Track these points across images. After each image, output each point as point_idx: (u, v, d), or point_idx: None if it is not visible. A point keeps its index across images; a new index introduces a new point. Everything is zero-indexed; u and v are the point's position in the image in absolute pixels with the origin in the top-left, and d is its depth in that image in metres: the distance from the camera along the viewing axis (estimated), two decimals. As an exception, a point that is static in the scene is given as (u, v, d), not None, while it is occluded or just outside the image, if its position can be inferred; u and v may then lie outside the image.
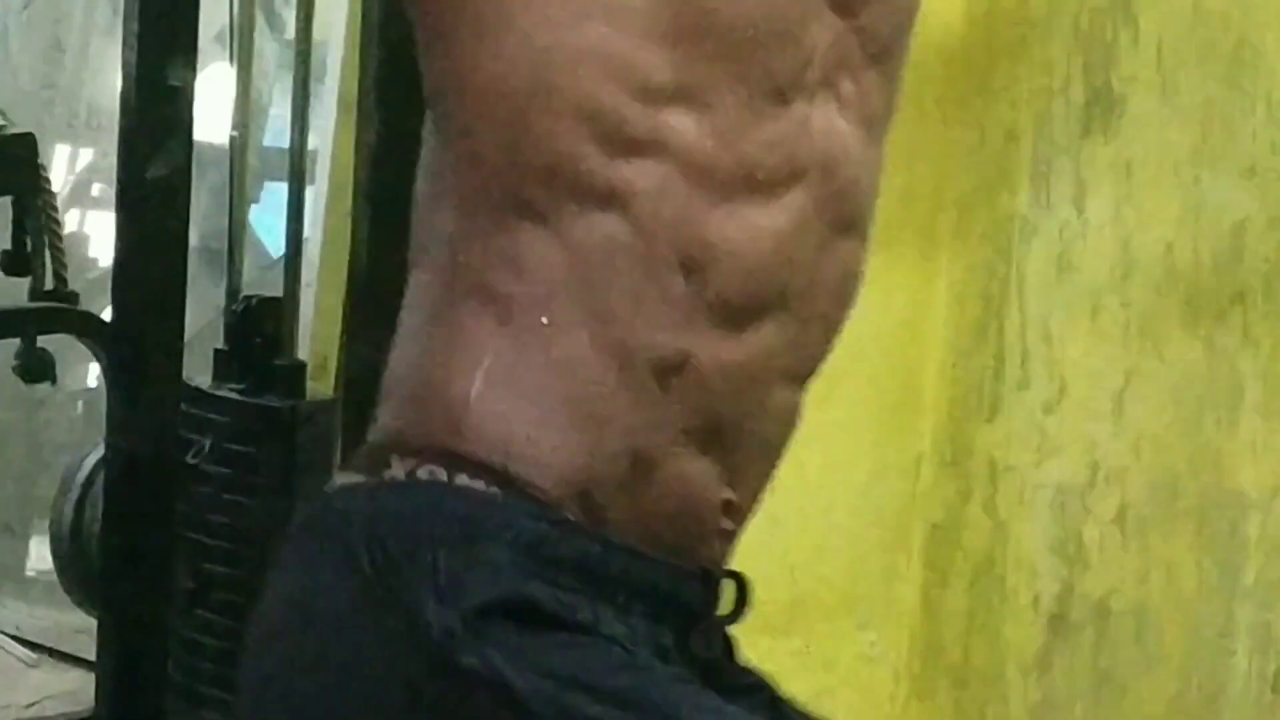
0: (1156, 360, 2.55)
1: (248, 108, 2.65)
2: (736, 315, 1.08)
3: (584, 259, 1.06)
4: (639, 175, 1.05)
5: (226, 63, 2.83)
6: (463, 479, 1.04)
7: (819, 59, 1.08)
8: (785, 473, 2.48)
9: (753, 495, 1.16)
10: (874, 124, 1.14)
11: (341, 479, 1.11)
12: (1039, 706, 2.67)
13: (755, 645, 2.41)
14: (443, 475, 1.05)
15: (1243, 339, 2.52)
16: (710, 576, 1.11)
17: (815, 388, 2.51)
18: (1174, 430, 2.58)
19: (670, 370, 1.07)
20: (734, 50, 1.06)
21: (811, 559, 2.74)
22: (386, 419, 1.11)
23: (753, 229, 1.08)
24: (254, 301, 2.54)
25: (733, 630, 1.35)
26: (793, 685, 2.47)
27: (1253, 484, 2.54)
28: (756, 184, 1.07)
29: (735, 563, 2.03)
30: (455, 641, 0.98)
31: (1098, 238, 2.53)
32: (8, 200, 2.69)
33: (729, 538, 1.13)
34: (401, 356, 1.12)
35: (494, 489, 1.03)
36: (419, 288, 1.13)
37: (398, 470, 1.05)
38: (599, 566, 1.05)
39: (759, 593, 2.48)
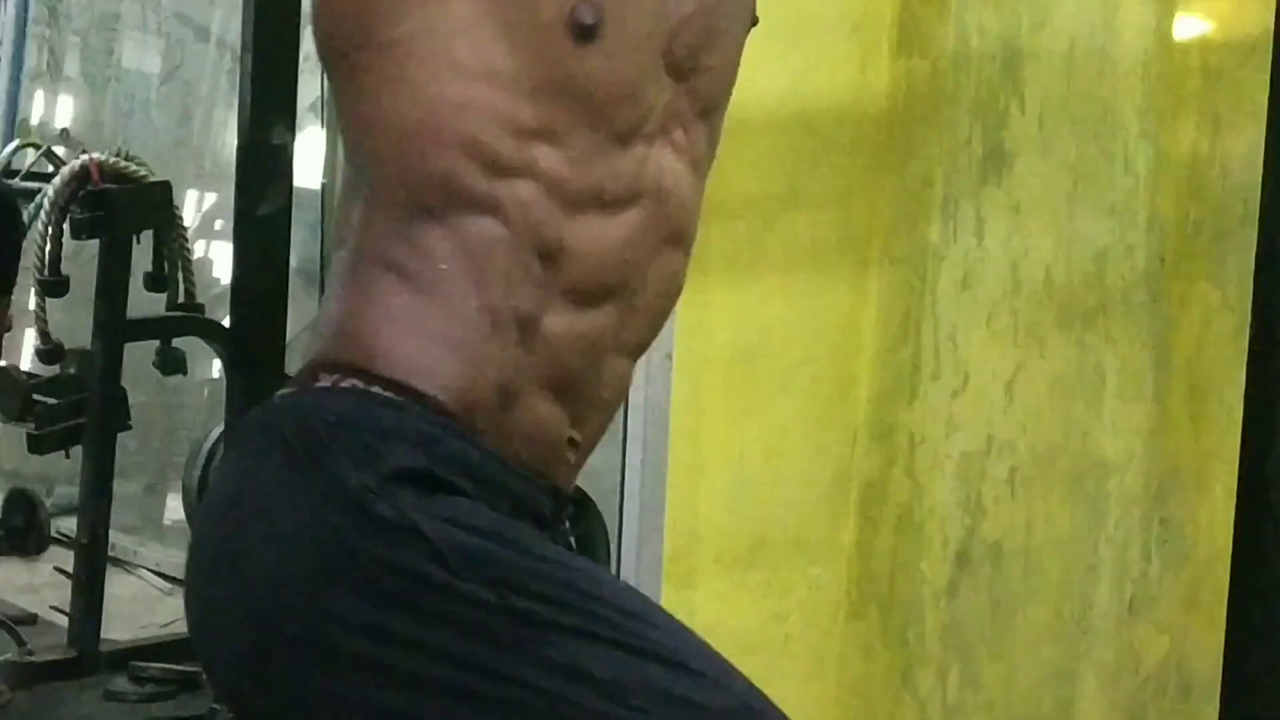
0: (1038, 357, 2.95)
1: (334, 162, 3.04)
2: (583, 297, 1.26)
3: (468, 246, 1.23)
4: (511, 191, 1.23)
5: (319, 126, 3.41)
6: (376, 389, 1.21)
7: (657, 113, 1.27)
8: (754, 447, 2.73)
9: (591, 438, 1.34)
10: (699, 164, 1.33)
11: (281, 391, 1.29)
12: (948, 625, 2.98)
13: (730, 577, 2.57)
14: (361, 385, 1.21)
15: (1105, 340, 2.99)
16: (559, 493, 1.29)
17: (774, 379, 2.75)
18: (1052, 411, 2.98)
19: (530, 331, 1.25)
20: (585, 104, 1.24)
21: (772, 512, 2.95)
22: (315, 350, 1.29)
23: (598, 236, 1.26)
24: None
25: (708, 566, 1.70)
26: (758, 608, 2.70)
27: (1113, 453, 3.02)
28: (603, 203, 1.25)
29: (718, 517, 2.45)
30: (371, 496, 1.13)
31: (993, 262, 2.88)
32: (149, 233, 3.16)
33: (573, 468, 1.32)
34: (325, 309, 1.32)
35: (400, 398, 1.21)
36: (337, 262, 1.32)
37: (325, 381, 1.22)
38: (475, 468, 1.22)
39: (733, 537, 2.72)
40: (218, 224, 4.35)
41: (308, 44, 2.97)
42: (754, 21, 1.42)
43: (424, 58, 1.25)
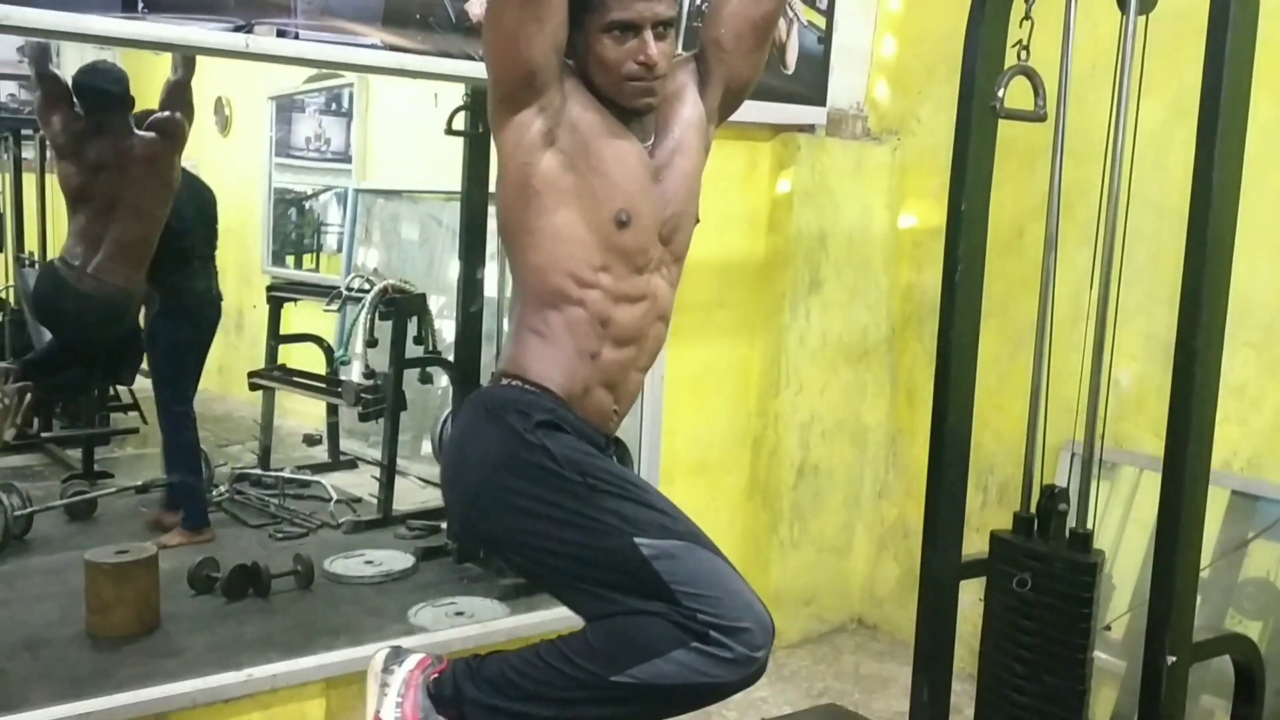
0: (836, 376, 3.85)
1: (502, 285, 3.98)
2: (620, 342, 1.75)
3: (567, 320, 1.72)
4: (587, 296, 1.72)
5: (494, 265, 4.18)
6: (526, 385, 1.71)
7: (654, 260, 1.78)
8: (702, 418, 3.73)
9: (624, 411, 1.83)
10: (674, 284, 1.84)
11: (484, 385, 1.85)
12: (792, 504, 3.75)
13: (690, 478, 3.62)
14: (519, 383, 1.71)
15: (867, 369, 3.93)
16: (608, 438, 1.79)
17: (712, 387, 3.75)
18: (844, 403, 3.88)
19: (595, 359, 1.73)
20: (624, 255, 1.73)
21: (711, 449, 3.68)
22: (497, 369, 1.75)
23: (626, 315, 1.75)
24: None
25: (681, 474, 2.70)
26: (704, 494, 3.68)
27: (871, 422, 3.97)
28: (630, 300, 1.75)
29: (685, 451, 3.56)
30: (525, 431, 1.62)
31: (814, 332, 3.73)
32: (415, 317, 4.39)
33: (616, 425, 1.82)
34: (504, 351, 1.77)
35: (536, 389, 1.70)
36: (509, 330, 1.76)
37: (503, 382, 1.71)
38: (571, 422, 1.70)
39: (692, 460, 3.67)
40: (445, 313, 4.90)
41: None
42: (697, 220, 1.89)
43: (549, 235, 1.72)
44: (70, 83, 3.75)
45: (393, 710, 1.74)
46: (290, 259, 6.91)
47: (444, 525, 4.20)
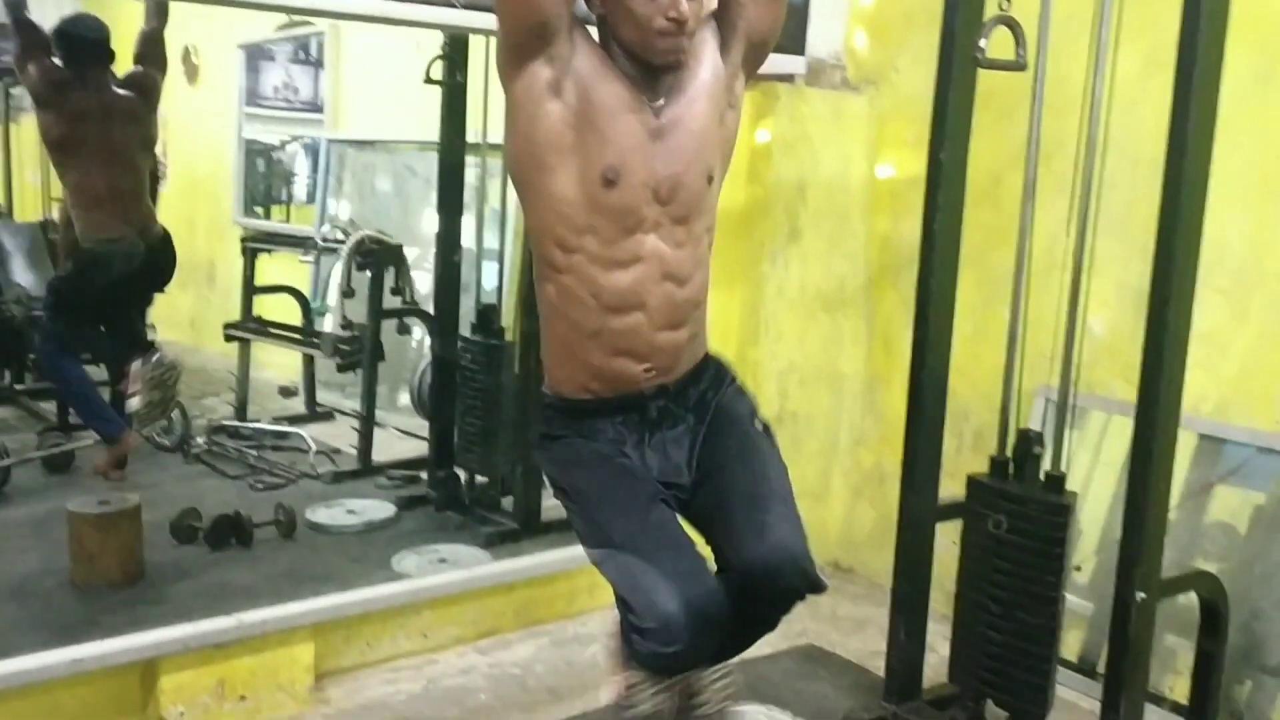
0: (813, 324, 3.90)
1: (482, 235, 4.05)
2: (617, 310, 1.81)
3: (559, 292, 1.82)
4: (573, 260, 1.78)
5: (470, 216, 4.17)
6: (551, 392, 1.94)
7: (649, 220, 1.79)
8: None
9: (670, 360, 1.87)
10: (681, 244, 1.82)
11: (542, 388, 1.98)
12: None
13: None
14: (549, 392, 1.95)
15: (844, 317, 3.98)
16: (644, 393, 1.87)
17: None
18: (822, 351, 3.94)
19: (597, 334, 1.82)
20: (610, 215, 1.76)
21: None
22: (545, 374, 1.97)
23: (619, 281, 1.79)
24: (484, 305, 3.90)
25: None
26: None
27: (848, 369, 4.02)
28: (620, 264, 1.79)
29: None
30: (537, 448, 1.98)
31: (792, 281, 3.80)
32: (392, 268, 4.24)
33: (655, 379, 1.87)
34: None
35: (550, 396, 1.94)
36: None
37: (543, 388, 1.97)
38: (596, 408, 1.88)
39: None
40: (424, 265, 4.86)
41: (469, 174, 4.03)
42: (710, 179, 1.87)
43: (545, 196, 1.78)
44: (51, 33, 3.76)
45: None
46: (259, 210, 6.87)
47: (424, 475, 4.26)
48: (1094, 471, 3.26)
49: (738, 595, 1.73)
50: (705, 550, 1.86)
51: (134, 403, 3.90)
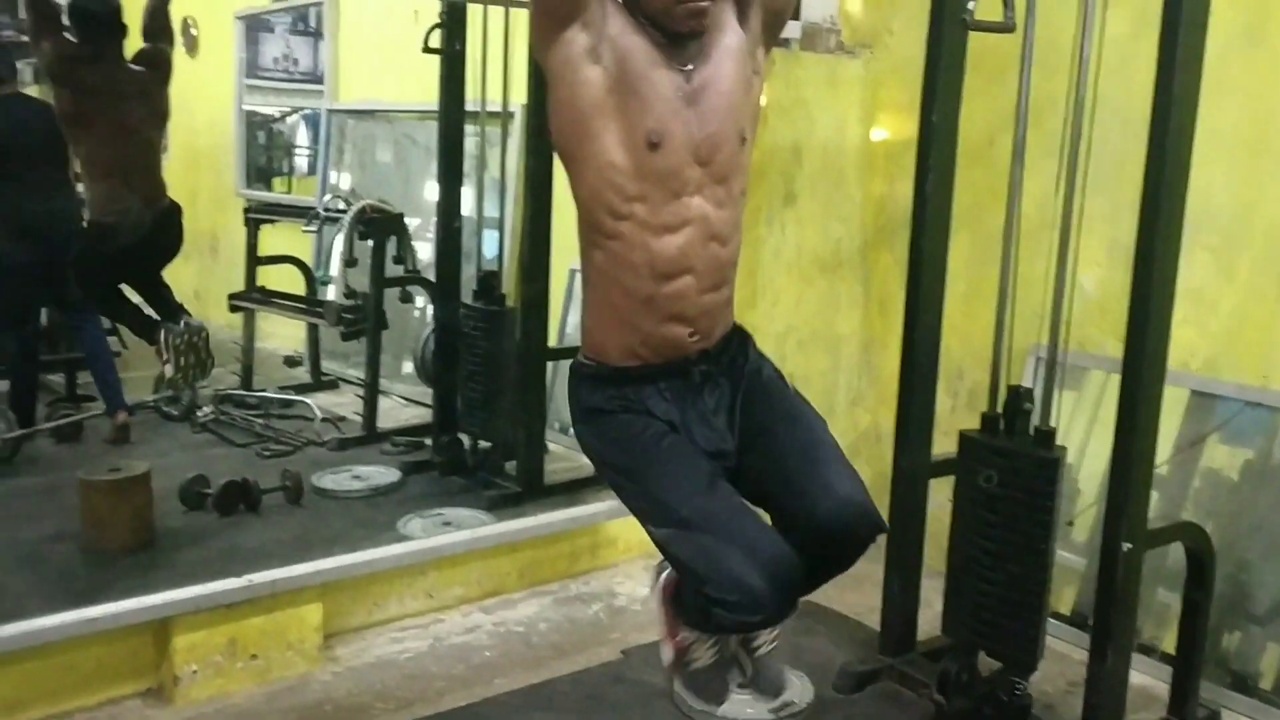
0: (810, 288, 3.96)
1: (482, 203, 3.99)
2: (668, 276, 1.79)
3: (609, 258, 1.79)
4: (622, 227, 1.76)
5: (470, 185, 4.18)
6: (584, 360, 1.91)
7: (693, 182, 1.77)
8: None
9: (710, 327, 1.86)
10: (723, 203, 1.80)
11: (577, 358, 1.94)
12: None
13: None
14: (582, 359, 1.92)
15: (840, 280, 4.02)
16: (689, 358, 1.86)
17: None
18: (818, 314, 3.99)
19: (649, 300, 1.79)
20: (658, 180, 1.74)
21: None
22: (583, 342, 1.93)
23: (670, 246, 1.77)
24: (485, 272, 3.91)
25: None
26: None
27: (845, 331, 4.07)
28: (670, 229, 1.77)
29: None
30: (579, 422, 1.92)
31: (789, 244, 3.85)
32: (394, 237, 4.43)
33: (705, 339, 1.87)
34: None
35: (592, 363, 1.90)
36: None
37: (581, 356, 1.92)
38: (641, 375, 1.86)
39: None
40: (425, 233, 4.98)
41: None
42: (744, 139, 1.84)
43: (593, 164, 1.75)
44: (65, 6, 3.79)
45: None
46: (260, 183, 6.89)
47: (428, 440, 4.30)
48: (1091, 431, 3.28)
49: (810, 550, 1.78)
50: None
51: (169, 369, 3.96)
